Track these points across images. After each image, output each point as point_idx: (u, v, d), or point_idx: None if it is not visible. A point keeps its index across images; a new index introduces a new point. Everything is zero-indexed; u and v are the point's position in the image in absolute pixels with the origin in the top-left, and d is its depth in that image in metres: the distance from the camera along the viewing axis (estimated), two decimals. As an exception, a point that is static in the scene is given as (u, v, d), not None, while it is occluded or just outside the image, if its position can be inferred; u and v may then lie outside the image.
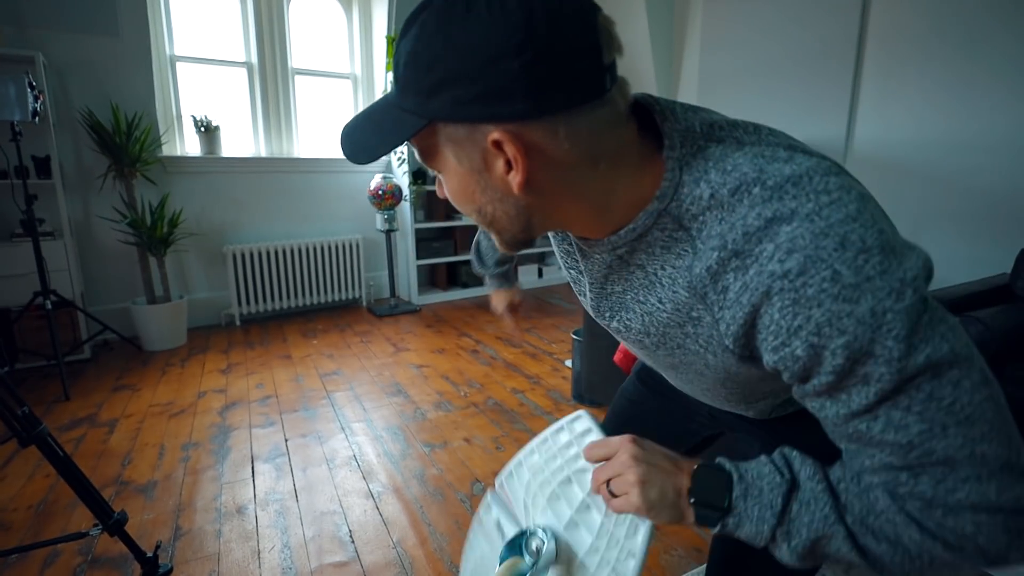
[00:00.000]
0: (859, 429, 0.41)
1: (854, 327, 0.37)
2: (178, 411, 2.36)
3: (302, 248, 3.77)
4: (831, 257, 0.38)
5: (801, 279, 0.38)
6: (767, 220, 0.40)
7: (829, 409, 0.43)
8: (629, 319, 0.57)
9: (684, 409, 0.84)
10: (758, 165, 0.43)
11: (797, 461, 0.46)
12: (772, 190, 0.41)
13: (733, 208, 0.42)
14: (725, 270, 0.43)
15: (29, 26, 2.87)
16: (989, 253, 2.27)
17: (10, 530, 1.57)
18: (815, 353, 0.40)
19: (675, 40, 3.58)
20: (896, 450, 0.40)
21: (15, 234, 2.81)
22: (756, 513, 0.44)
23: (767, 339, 0.42)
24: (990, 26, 2.20)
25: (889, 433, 0.39)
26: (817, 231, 0.39)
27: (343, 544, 1.51)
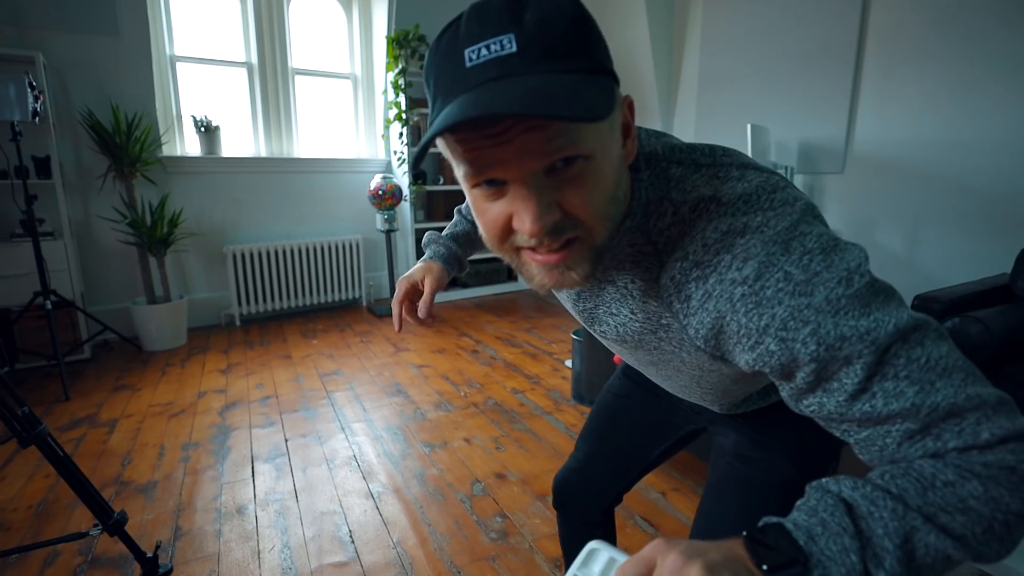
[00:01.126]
0: (864, 410, 0.42)
1: (815, 316, 0.41)
2: (178, 411, 2.36)
3: (302, 248, 3.77)
4: (780, 261, 0.43)
5: (759, 283, 0.43)
6: (723, 233, 0.45)
7: (828, 403, 0.44)
8: (603, 330, 0.61)
9: (668, 403, 0.86)
10: (713, 186, 0.48)
11: (831, 483, 0.43)
12: (726, 206, 0.46)
13: (693, 223, 0.47)
14: (687, 280, 0.47)
15: (29, 26, 2.87)
16: (989, 253, 2.27)
17: (10, 530, 1.57)
18: (787, 348, 0.42)
19: (675, 40, 3.59)
20: (906, 417, 0.41)
21: (15, 234, 2.81)
22: (835, 548, 0.39)
23: (740, 342, 0.46)
24: (990, 26, 2.20)
25: (892, 403, 0.41)
26: (766, 239, 0.43)
27: (343, 544, 1.51)
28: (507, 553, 1.47)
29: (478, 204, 0.45)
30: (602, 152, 0.43)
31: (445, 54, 0.41)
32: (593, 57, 0.41)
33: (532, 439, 2.09)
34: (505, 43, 0.39)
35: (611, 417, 0.94)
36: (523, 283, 3.58)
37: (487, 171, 0.42)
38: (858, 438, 0.45)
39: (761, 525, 0.43)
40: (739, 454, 0.74)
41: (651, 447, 0.91)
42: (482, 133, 0.40)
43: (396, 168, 4.02)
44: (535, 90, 0.37)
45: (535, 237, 0.42)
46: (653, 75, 3.56)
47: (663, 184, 0.49)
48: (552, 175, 0.42)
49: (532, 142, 0.39)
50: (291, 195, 3.83)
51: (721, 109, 3.35)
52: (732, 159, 0.50)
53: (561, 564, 1.43)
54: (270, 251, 3.66)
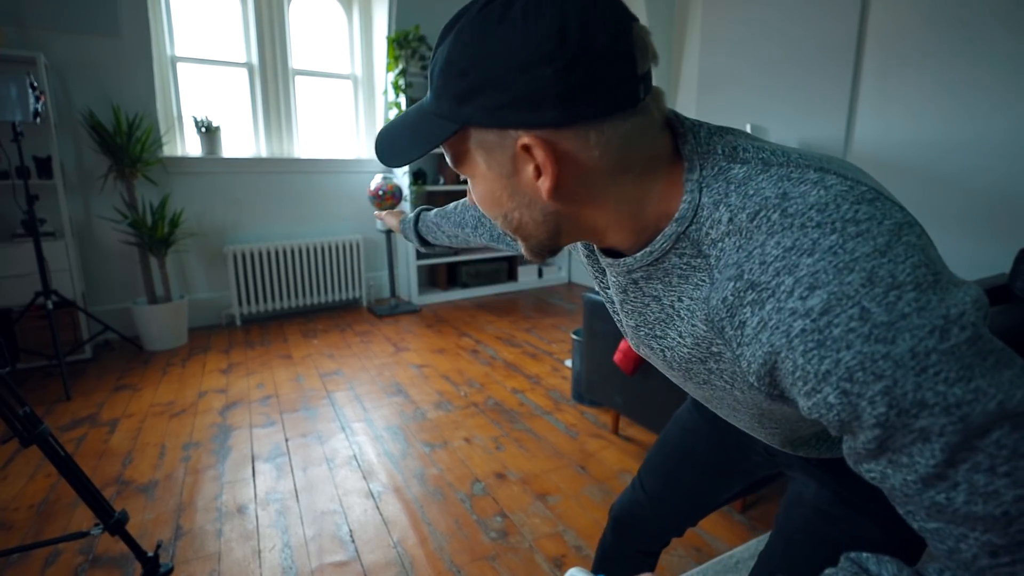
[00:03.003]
0: (937, 502, 0.35)
1: (892, 370, 0.33)
2: (179, 411, 2.37)
3: (302, 248, 3.77)
4: (858, 294, 0.34)
5: (825, 318, 0.35)
6: (785, 250, 0.37)
7: (894, 478, 0.37)
8: (648, 353, 0.56)
9: (739, 444, 0.78)
10: (782, 188, 0.39)
11: (872, 562, 0.39)
12: (793, 217, 0.38)
13: (751, 235, 0.39)
14: (742, 303, 0.40)
15: (30, 27, 2.88)
16: (988, 253, 2.27)
17: (11, 530, 1.57)
18: (850, 402, 0.35)
19: (675, 40, 3.59)
20: (992, 525, 0.34)
21: (16, 234, 2.81)
22: None
23: (796, 384, 0.38)
24: (990, 26, 2.20)
25: (977, 504, 0.34)
26: (841, 265, 0.35)
27: (343, 544, 1.52)
28: (507, 553, 1.47)
29: None
30: (481, 177, 0.48)
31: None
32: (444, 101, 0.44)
33: (532, 439, 2.09)
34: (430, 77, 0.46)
35: (681, 454, 0.88)
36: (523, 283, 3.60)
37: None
38: (924, 527, 0.38)
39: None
40: (819, 508, 0.65)
41: (723, 490, 0.85)
42: None
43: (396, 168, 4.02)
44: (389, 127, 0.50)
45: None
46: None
47: (720, 186, 0.42)
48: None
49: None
50: (291, 195, 3.84)
51: (721, 109, 3.35)
52: (810, 161, 0.42)
53: (562, 564, 1.43)
54: (270, 251, 3.67)
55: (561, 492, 1.75)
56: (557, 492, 1.75)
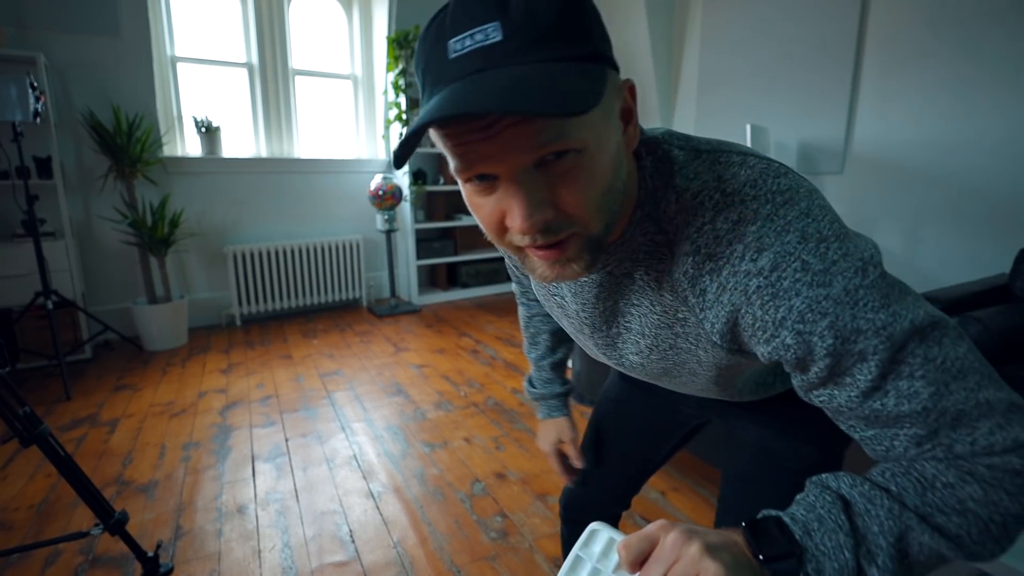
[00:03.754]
0: (875, 408, 0.42)
1: (833, 307, 0.40)
2: (179, 411, 2.37)
3: (302, 248, 3.77)
4: (796, 250, 0.41)
5: (775, 273, 0.41)
6: (733, 223, 0.43)
7: (839, 397, 0.43)
8: (628, 321, 0.57)
9: (670, 401, 0.83)
10: (716, 172, 0.46)
11: (831, 479, 0.44)
12: (732, 195, 0.44)
13: (695, 211, 0.45)
14: (700, 273, 0.46)
15: (31, 27, 2.88)
16: (988, 253, 2.27)
17: (11, 530, 1.57)
18: (804, 340, 0.41)
19: (675, 40, 3.59)
20: (916, 419, 0.40)
21: (16, 234, 2.81)
22: (830, 543, 0.40)
23: (756, 335, 0.44)
24: (989, 27, 2.20)
25: (903, 404, 0.40)
26: (779, 228, 0.42)
27: (343, 544, 1.52)
28: (507, 553, 1.47)
29: (472, 199, 0.44)
30: (596, 143, 0.40)
31: (431, 44, 0.40)
32: (584, 44, 0.38)
33: (532, 439, 2.09)
34: (490, 32, 0.36)
35: (614, 425, 0.91)
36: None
37: (476, 166, 0.40)
38: (864, 435, 0.45)
39: (760, 517, 0.43)
40: (764, 447, 0.72)
41: (658, 448, 0.89)
42: (468, 127, 0.38)
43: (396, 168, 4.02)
44: (516, 83, 0.35)
45: (527, 235, 0.41)
46: (653, 75, 3.56)
47: (667, 169, 0.48)
48: (543, 169, 0.39)
49: (518, 137, 0.37)
50: (291, 195, 3.84)
51: (721, 109, 3.35)
52: (733, 146, 0.49)
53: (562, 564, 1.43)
54: (270, 251, 3.67)
55: (560, 492, 1.75)
56: (557, 492, 1.75)
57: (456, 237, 4.32)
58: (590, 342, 0.64)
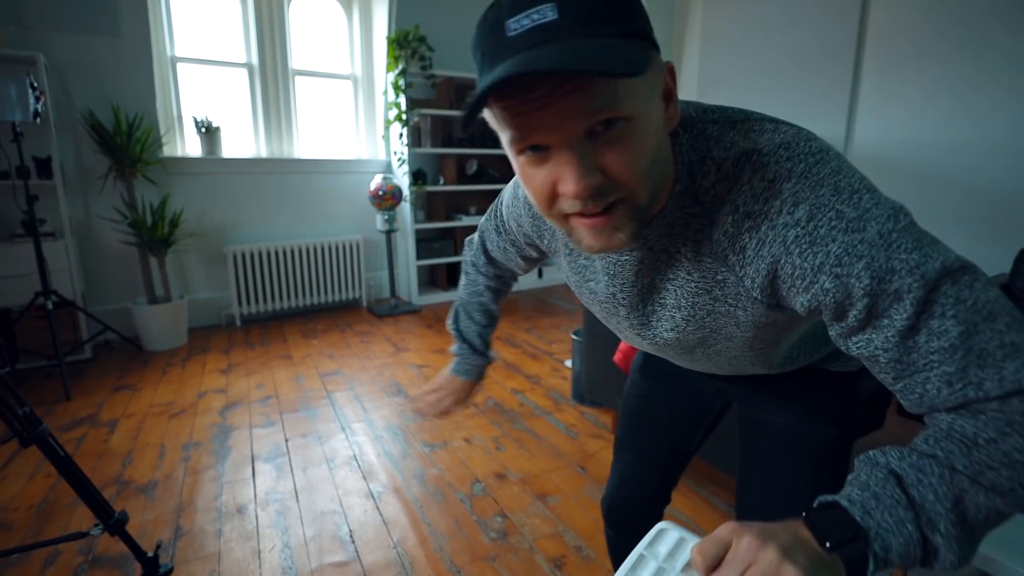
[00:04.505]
0: (908, 348, 0.43)
1: (868, 250, 0.42)
2: (179, 411, 2.37)
3: (302, 248, 3.77)
4: (831, 200, 0.44)
5: (812, 223, 0.44)
6: (769, 181, 0.46)
7: (877, 340, 0.44)
8: (663, 299, 0.59)
9: (692, 389, 0.85)
10: (751, 139, 0.49)
11: (879, 455, 0.45)
12: (768, 156, 0.47)
13: (738, 177, 0.48)
14: (740, 231, 0.48)
15: (30, 27, 2.88)
16: (988, 253, 2.27)
17: (11, 530, 1.57)
18: (842, 283, 0.43)
19: (675, 40, 3.59)
20: (945, 357, 0.42)
21: (16, 234, 2.81)
22: (891, 519, 0.40)
23: (795, 284, 0.46)
24: (989, 27, 2.20)
25: (933, 341, 0.42)
26: (813, 183, 0.45)
27: (343, 544, 1.52)
28: (507, 553, 1.47)
29: (524, 171, 0.46)
30: (643, 114, 0.43)
31: (490, 27, 0.42)
32: (631, 22, 0.42)
33: (532, 439, 2.09)
34: (546, 11, 0.40)
35: (643, 421, 0.92)
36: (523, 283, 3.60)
37: (531, 135, 0.43)
38: (898, 385, 0.46)
39: (817, 505, 0.44)
40: (783, 427, 0.74)
41: (689, 437, 0.91)
42: (524, 98, 0.41)
43: (396, 168, 4.03)
44: (574, 49, 0.38)
45: (579, 199, 0.43)
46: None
47: (703, 144, 0.50)
48: (593, 138, 0.42)
49: (572, 105, 0.40)
50: (291, 195, 3.84)
51: (721, 109, 3.35)
52: (762, 115, 0.52)
53: (562, 564, 1.43)
54: (270, 251, 3.67)
55: (561, 492, 1.75)
56: (557, 492, 1.75)
57: (456, 237, 4.32)
58: (624, 323, 0.66)
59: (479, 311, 0.95)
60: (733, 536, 0.41)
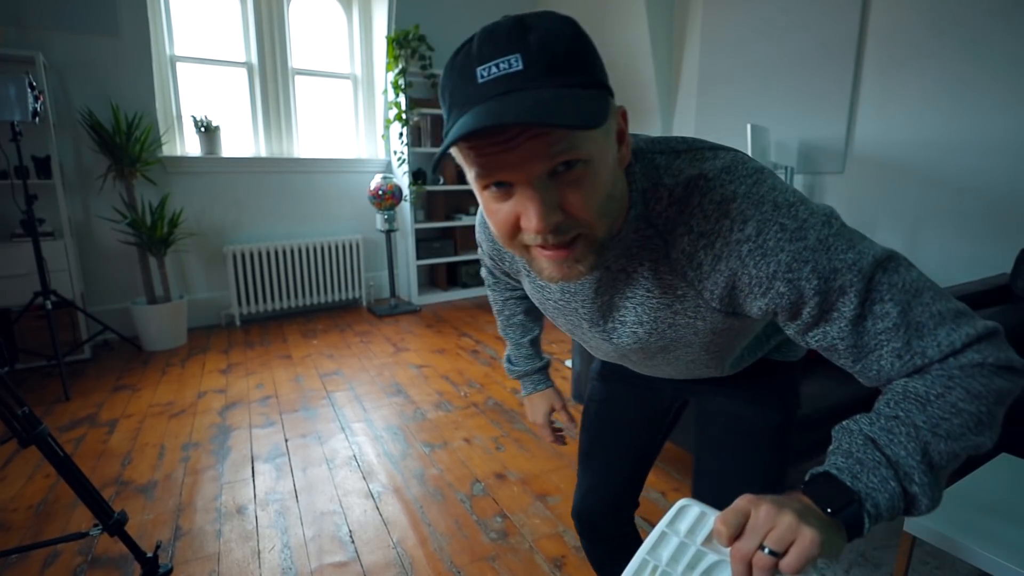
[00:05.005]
0: (860, 333, 0.50)
1: (812, 255, 0.49)
2: (178, 411, 2.36)
3: (302, 248, 3.77)
4: (774, 215, 0.50)
5: (761, 237, 0.50)
6: (717, 203, 0.52)
7: (831, 332, 0.51)
8: (623, 316, 0.64)
9: (649, 390, 0.90)
10: (696, 166, 0.54)
11: (852, 424, 0.50)
12: (713, 181, 0.53)
13: (688, 200, 0.53)
14: (696, 249, 0.54)
15: (29, 26, 2.88)
16: (989, 253, 2.27)
17: (10, 530, 1.57)
18: (794, 286, 0.50)
19: (675, 40, 3.59)
20: (892, 335, 0.49)
21: (15, 234, 2.81)
22: (876, 479, 0.46)
23: (753, 291, 0.52)
24: (990, 27, 2.20)
25: (879, 323, 0.49)
26: (756, 201, 0.51)
27: (343, 544, 1.52)
28: (507, 553, 1.47)
29: (488, 205, 0.50)
30: (599, 156, 0.47)
31: (460, 72, 0.45)
32: (590, 73, 0.46)
33: (532, 439, 2.09)
34: (512, 62, 0.43)
35: (605, 425, 0.95)
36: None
37: (496, 174, 0.46)
38: (856, 367, 0.53)
39: (810, 477, 0.49)
40: (732, 413, 0.81)
41: (651, 437, 0.94)
42: (491, 140, 0.44)
43: (396, 168, 4.03)
44: (540, 102, 0.42)
45: (540, 234, 0.47)
46: (653, 75, 3.56)
47: (653, 172, 0.56)
48: (555, 178, 0.46)
49: (536, 147, 0.44)
50: (291, 195, 3.83)
51: (721, 109, 3.35)
52: (701, 143, 0.57)
53: (562, 564, 1.43)
54: (270, 251, 3.66)
55: (561, 492, 1.75)
56: (557, 492, 1.75)
57: (456, 237, 4.32)
58: (588, 335, 0.70)
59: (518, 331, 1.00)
60: (751, 506, 0.44)
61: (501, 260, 0.76)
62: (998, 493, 1.16)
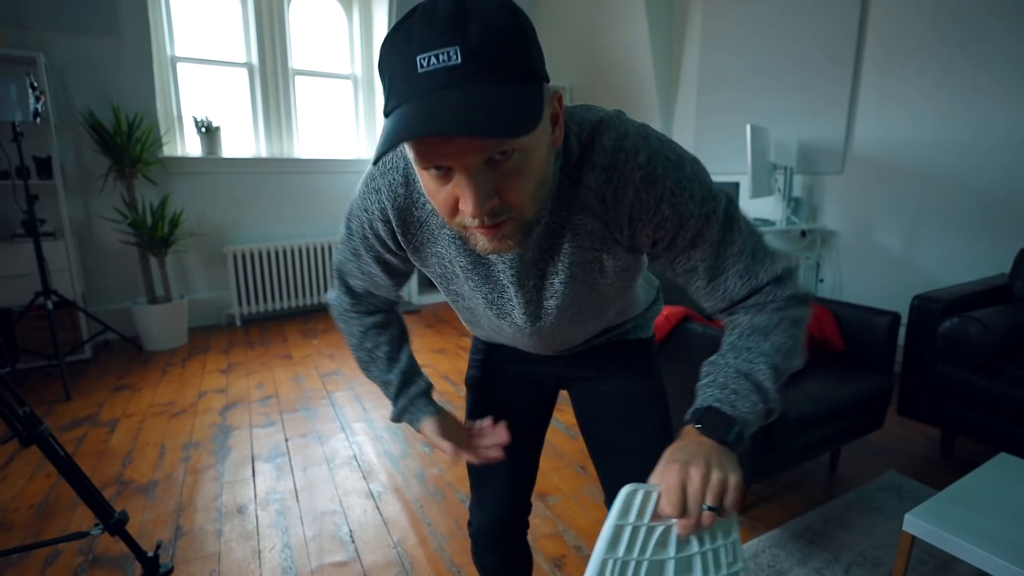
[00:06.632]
0: (717, 254, 0.61)
1: (689, 184, 0.58)
2: (179, 411, 2.37)
3: (302, 248, 3.77)
4: (659, 148, 0.58)
5: (651, 165, 0.57)
6: (616, 139, 0.57)
7: (696, 255, 0.61)
8: (543, 269, 0.67)
9: (532, 379, 0.95)
10: (593, 113, 0.60)
11: (719, 359, 0.63)
12: (610, 122, 0.59)
13: (592, 143, 0.58)
14: (599, 184, 0.58)
15: (31, 27, 2.88)
16: (988, 253, 2.27)
17: (11, 530, 1.57)
18: (676, 210, 0.58)
19: (675, 40, 3.59)
20: (740, 259, 0.62)
21: (16, 234, 2.81)
22: (749, 404, 0.58)
23: (643, 216, 0.59)
24: (989, 27, 2.20)
25: (732, 247, 0.61)
26: (643, 136, 0.58)
27: (343, 544, 1.52)
28: (507, 553, 1.47)
29: (428, 185, 0.51)
30: (535, 145, 0.49)
31: (401, 56, 0.45)
32: (527, 65, 0.46)
33: (532, 439, 2.09)
34: (451, 54, 0.43)
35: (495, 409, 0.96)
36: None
37: (435, 160, 0.47)
38: (709, 291, 0.64)
39: (698, 414, 0.58)
40: (627, 391, 0.88)
41: (537, 425, 0.99)
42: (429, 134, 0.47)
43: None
44: (476, 107, 0.43)
45: (476, 219, 0.49)
46: (653, 75, 3.56)
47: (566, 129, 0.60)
48: (491, 165, 0.47)
49: (472, 142, 0.45)
50: (291, 195, 3.84)
51: (721, 109, 3.35)
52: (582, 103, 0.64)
53: (562, 564, 1.43)
54: (270, 251, 3.67)
55: (561, 492, 1.75)
56: (557, 492, 1.75)
57: (456, 237, 4.32)
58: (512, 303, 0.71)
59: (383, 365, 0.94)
60: (682, 477, 0.51)
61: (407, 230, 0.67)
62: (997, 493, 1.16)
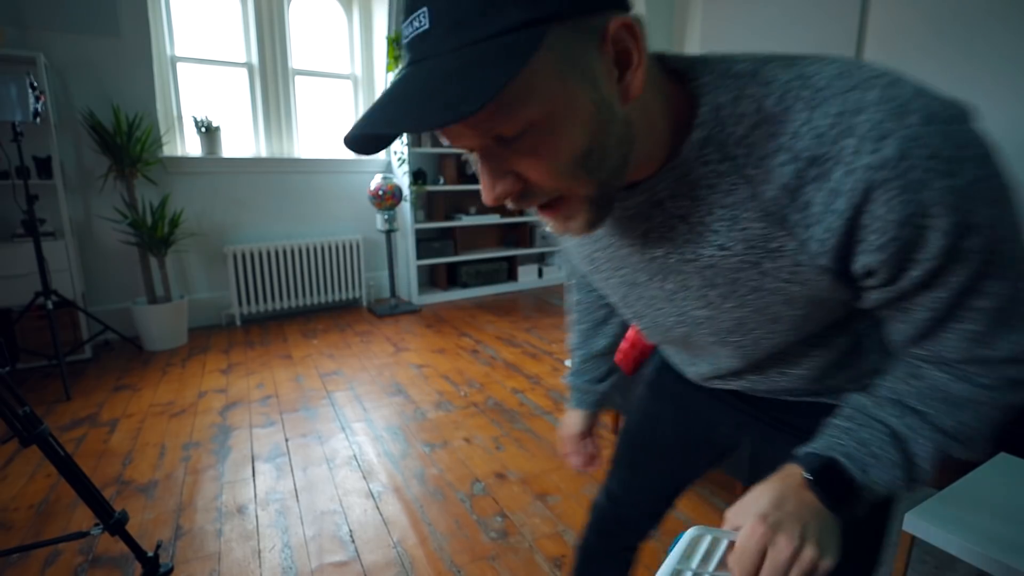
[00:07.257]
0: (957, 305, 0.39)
1: (960, 202, 0.35)
2: (179, 411, 2.37)
3: (302, 248, 3.77)
4: (923, 134, 0.34)
5: (905, 163, 0.34)
6: (837, 115, 0.36)
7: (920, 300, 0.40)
8: (685, 280, 0.50)
9: (705, 422, 0.78)
10: (795, 71, 0.39)
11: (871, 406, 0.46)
12: (825, 89, 0.37)
13: (786, 116, 0.38)
14: (803, 183, 0.39)
15: (30, 27, 2.88)
16: (989, 253, 2.27)
17: (11, 530, 1.57)
18: (920, 236, 0.36)
19: (675, 40, 3.59)
20: (982, 316, 0.39)
21: (16, 234, 2.81)
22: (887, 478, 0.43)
23: (867, 239, 0.38)
24: (990, 26, 2.20)
25: (979, 300, 0.38)
26: (896, 112, 0.35)
27: (343, 544, 1.52)
28: (507, 553, 1.47)
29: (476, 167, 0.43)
30: (562, 106, 0.36)
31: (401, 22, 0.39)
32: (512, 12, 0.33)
33: (532, 439, 2.09)
34: (422, 19, 0.35)
35: (645, 447, 0.87)
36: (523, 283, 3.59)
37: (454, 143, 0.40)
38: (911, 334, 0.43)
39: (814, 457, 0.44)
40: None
41: (691, 468, 0.85)
42: None
43: (396, 168, 4.03)
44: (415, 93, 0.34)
45: (493, 205, 0.40)
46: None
47: (731, 83, 0.41)
48: (505, 144, 0.38)
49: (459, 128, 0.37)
50: (291, 195, 3.84)
51: (721, 109, 3.35)
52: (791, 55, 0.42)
53: (562, 564, 1.43)
54: (270, 251, 3.67)
55: (561, 492, 1.75)
56: (557, 492, 1.75)
57: (456, 237, 4.32)
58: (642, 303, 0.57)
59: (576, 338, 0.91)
60: (765, 543, 0.41)
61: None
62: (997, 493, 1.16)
